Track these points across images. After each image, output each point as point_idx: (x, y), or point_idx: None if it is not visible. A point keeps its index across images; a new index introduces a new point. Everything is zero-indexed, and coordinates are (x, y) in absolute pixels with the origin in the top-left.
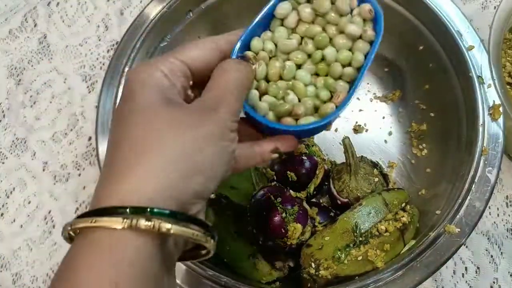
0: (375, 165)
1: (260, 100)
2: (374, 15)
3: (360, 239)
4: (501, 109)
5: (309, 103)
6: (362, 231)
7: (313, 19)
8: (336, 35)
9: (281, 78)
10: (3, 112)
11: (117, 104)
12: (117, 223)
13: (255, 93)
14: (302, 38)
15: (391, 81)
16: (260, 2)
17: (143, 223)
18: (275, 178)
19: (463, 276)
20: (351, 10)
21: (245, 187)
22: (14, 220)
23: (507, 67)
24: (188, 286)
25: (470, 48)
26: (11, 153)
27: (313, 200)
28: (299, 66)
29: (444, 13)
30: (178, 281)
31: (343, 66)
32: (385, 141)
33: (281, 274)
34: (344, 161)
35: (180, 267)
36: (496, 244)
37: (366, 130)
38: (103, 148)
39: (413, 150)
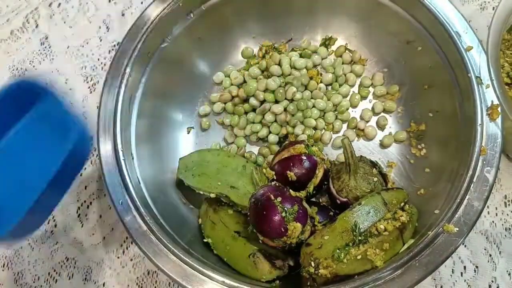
0: (374, 164)
1: None
2: None
3: (359, 238)
4: (499, 109)
5: None
6: (361, 230)
7: None
8: None
9: None
10: None
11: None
12: None
13: None
14: None
15: (390, 81)
16: (259, 3)
17: None
18: (275, 177)
19: (461, 275)
20: None
21: (245, 186)
22: None
23: (506, 67)
24: (188, 285)
25: (469, 48)
26: None
27: (313, 199)
28: None
29: (442, 14)
30: (178, 280)
31: None
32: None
33: (281, 273)
34: (344, 161)
35: (181, 266)
36: (494, 243)
37: (365, 130)
38: (104, 148)
39: (412, 150)
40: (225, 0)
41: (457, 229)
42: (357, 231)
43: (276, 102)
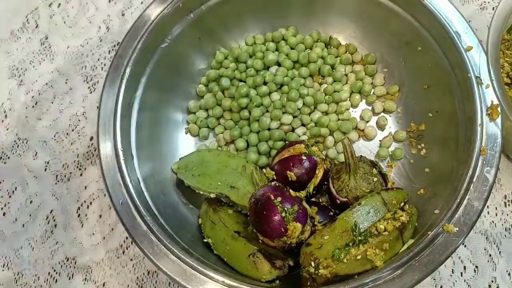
0: (374, 164)
1: None
2: None
3: (359, 238)
4: (499, 109)
5: None
6: (361, 230)
7: None
8: None
9: None
10: (5, 112)
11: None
12: None
13: None
14: None
15: (390, 81)
16: (259, 4)
17: None
18: (275, 177)
19: (461, 275)
20: None
21: (245, 186)
22: (16, 220)
23: (505, 67)
24: (188, 285)
25: (469, 48)
26: (13, 153)
27: (313, 199)
28: None
29: (442, 14)
30: (178, 280)
31: None
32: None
33: (281, 273)
34: (344, 161)
35: (181, 266)
36: (494, 243)
37: (365, 130)
38: (104, 148)
39: (412, 150)
40: (225, 0)
41: (457, 229)
42: (357, 231)
43: None
